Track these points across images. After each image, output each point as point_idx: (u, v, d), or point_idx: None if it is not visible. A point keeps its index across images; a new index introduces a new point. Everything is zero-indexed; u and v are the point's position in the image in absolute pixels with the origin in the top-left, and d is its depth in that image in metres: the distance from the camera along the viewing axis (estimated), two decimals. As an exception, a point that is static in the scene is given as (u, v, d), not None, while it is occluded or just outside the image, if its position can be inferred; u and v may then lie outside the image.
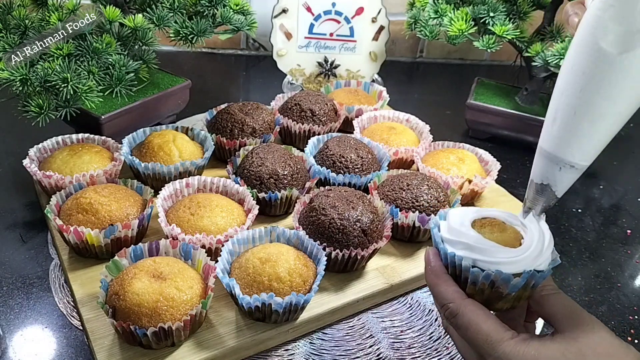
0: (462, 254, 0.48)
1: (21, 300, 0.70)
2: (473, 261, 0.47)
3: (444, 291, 0.48)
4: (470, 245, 0.47)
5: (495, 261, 0.46)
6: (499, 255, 0.46)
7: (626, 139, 1.17)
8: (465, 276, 0.48)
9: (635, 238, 0.91)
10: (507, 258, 0.46)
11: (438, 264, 0.50)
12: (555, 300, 0.48)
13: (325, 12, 1.18)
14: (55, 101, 0.78)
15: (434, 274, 0.49)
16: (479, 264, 0.47)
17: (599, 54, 0.40)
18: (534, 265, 0.47)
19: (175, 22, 0.91)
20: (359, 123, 1.00)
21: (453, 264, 0.49)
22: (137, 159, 0.83)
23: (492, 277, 0.46)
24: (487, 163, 0.93)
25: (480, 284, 0.47)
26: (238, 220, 0.75)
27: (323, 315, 0.69)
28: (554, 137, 0.45)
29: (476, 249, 0.47)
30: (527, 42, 1.04)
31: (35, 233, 0.81)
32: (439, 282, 0.49)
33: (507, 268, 0.46)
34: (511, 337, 0.44)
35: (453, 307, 0.47)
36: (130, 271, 0.62)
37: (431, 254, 0.50)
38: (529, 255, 0.47)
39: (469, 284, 0.48)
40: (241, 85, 1.37)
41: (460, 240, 0.48)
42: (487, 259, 0.46)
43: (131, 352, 0.60)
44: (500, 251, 0.47)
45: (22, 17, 0.85)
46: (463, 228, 0.49)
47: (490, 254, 0.47)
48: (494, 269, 0.46)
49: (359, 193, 0.77)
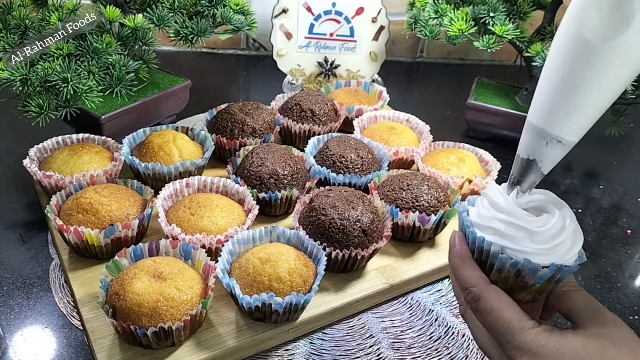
0: (491, 240, 0.47)
1: (21, 300, 0.70)
2: (502, 248, 0.47)
3: (467, 274, 0.47)
4: (501, 232, 0.47)
5: (525, 250, 0.46)
6: (530, 245, 0.46)
7: (626, 139, 1.17)
8: (492, 262, 0.47)
9: (636, 238, 0.91)
10: (537, 249, 0.46)
11: (464, 247, 0.49)
12: (577, 297, 0.48)
13: (325, 12, 1.18)
14: (55, 101, 0.78)
15: (459, 257, 0.49)
16: (508, 252, 0.46)
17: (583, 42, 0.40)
18: (563, 260, 0.46)
19: (176, 22, 0.91)
20: (359, 123, 1.00)
21: (480, 249, 0.48)
22: (137, 159, 0.83)
23: (519, 265, 0.46)
24: (487, 163, 0.93)
25: (506, 272, 0.47)
26: (238, 220, 0.75)
27: (323, 315, 0.69)
28: (543, 110, 0.44)
29: (507, 236, 0.46)
30: (527, 42, 1.04)
31: (36, 233, 0.81)
32: (463, 265, 0.48)
33: (536, 259, 0.46)
34: (532, 326, 0.43)
35: (476, 291, 0.46)
36: (131, 271, 0.62)
37: (457, 238, 0.50)
38: (560, 249, 0.46)
39: (494, 271, 0.47)
40: (241, 85, 1.37)
41: (491, 226, 0.47)
42: (517, 247, 0.46)
43: (131, 352, 0.60)
44: (531, 241, 0.46)
45: (22, 17, 0.85)
46: (496, 213, 0.48)
47: (520, 243, 0.46)
48: (523, 257, 0.46)
49: (359, 193, 0.77)
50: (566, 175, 1.09)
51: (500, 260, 0.47)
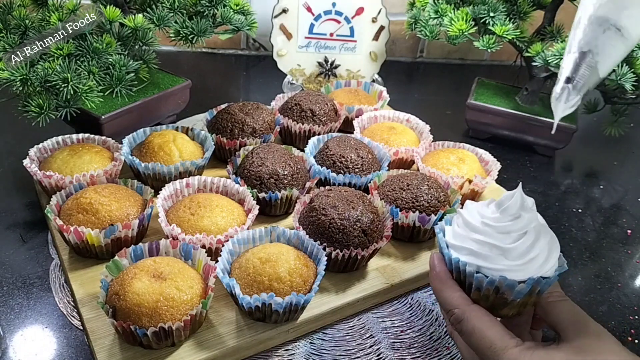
0: (466, 260, 0.47)
1: (21, 300, 0.70)
2: (477, 267, 0.47)
3: (449, 297, 0.48)
4: (475, 251, 0.47)
5: (499, 268, 0.46)
6: (504, 262, 0.46)
7: (626, 139, 1.17)
8: (470, 282, 0.48)
9: (636, 238, 0.91)
10: (511, 265, 0.46)
11: (443, 269, 0.50)
12: (561, 308, 0.48)
13: (325, 12, 1.18)
14: (55, 101, 0.78)
15: (439, 279, 0.49)
16: (483, 270, 0.47)
17: None
18: (539, 272, 0.47)
19: (176, 22, 0.91)
20: (359, 123, 1.00)
21: (457, 269, 0.48)
22: (137, 159, 0.83)
23: (496, 283, 0.46)
24: (487, 163, 0.93)
25: (485, 290, 0.47)
26: (238, 220, 0.75)
27: (323, 315, 0.69)
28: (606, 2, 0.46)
29: (480, 255, 0.47)
30: (527, 42, 1.04)
31: (36, 233, 0.81)
32: (443, 288, 0.49)
33: (511, 275, 0.46)
34: (515, 344, 0.44)
35: (458, 312, 0.47)
36: (131, 271, 0.62)
37: (436, 259, 0.50)
38: (534, 263, 0.46)
39: (474, 290, 0.48)
40: (241, 85, 1.37)
41: (464, 246, 0.48)
42: (491, 265, 0.46)
43: (131, 352, 0.60)
44: (505, 258, 0.46)
45: (23, 17, 0.85)
46: (469, 232, 0.48)
47: (494, 261, 0.46)
48: (498, 275, 0.46)
49: (359, 193, 0.77)
50: (566, 175, 1.09)
51: (476, 279, 0.47)
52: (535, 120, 1.08)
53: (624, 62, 0.92)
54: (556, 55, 0.93)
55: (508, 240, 0.47)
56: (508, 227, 0.47)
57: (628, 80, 0.90)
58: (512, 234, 0.47)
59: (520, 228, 0.47)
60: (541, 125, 1.09)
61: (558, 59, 0.93)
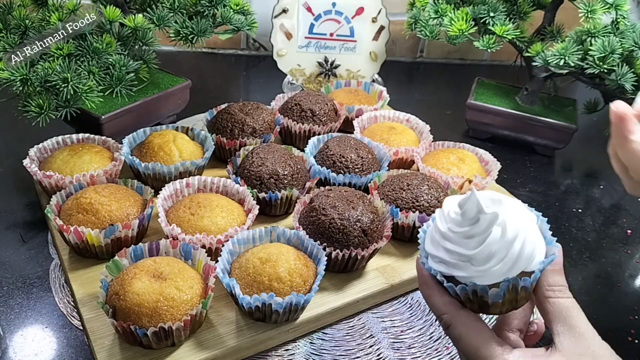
0: (438, 268, 0.47)
1: (21, 300, 0.70)
2: (449, 274, 0.47)
3: (436, 302, 0.48)
4: (445, 260, 0.47)
5: (467, 275, 0.45)
6: (471, 269, 0.45)
7: (626, 139, 1.16)
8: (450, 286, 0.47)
9: (636, 238, 0.91)
10: (478, 271, 0.45)
11: (429, 275, 0.49)
12: (557, 307, 0.47)
13: (325, 12, 1.18)
14: (55, 101, 0.78)
15: (426, 285, 0.49)
16: (457, 278, 0.46)
17: None
18: (517, 271, 0.45)
19: (176, 22, 0.91)
20: (359, 123, 1.00)
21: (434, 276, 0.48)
22: (137, 159, 0.83)
23: (467, 289, 0.46)
24: (487, 163, 0.93)
25: (463, 295, 0.47)
26: (238, 220, 0.75)
27: (323, 315, 0.69)
28: None
29: (450, 264, 0.46)
30: (527, 42, 1.04)
31: (36, 233, 0.81)
32: (431, 293, 0.48)
33: (481, 280, 0.45)
34: (502, 352, 0.43)
35: (447, 318, 0.47)
36: (131, 271, 0.62)
37: (421, 267, 0.50)
38: (506, 264, 0.45)
39: (455, 294, 0.47)
40: (241, 85, 1.37)
41: (437, 255, 0.47)
42: (460, 273, 0.46)
43: (131, 352, 0.60)
44: (470, 265, 0.45)
45: (23, 17, 0.85)
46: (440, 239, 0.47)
47: (462, 268, 0.46)
48: (469, 281, 0.45)
49: (359, 193, 0.77)
50: (566, 175, 1.09)
51: (449, 287, 0.47)
52: (535, 120, 1.08)
53: (624, 62, 0.92)
54: (556, 55, 0.93)
55: (472, 245, 0.45)
56: (469, 231, 0.46)
57: (628, 80, 0.90)
58: (475, 238, 0.45)
59: (481, 231, 0.45)
60: (541, 125, 1.09)
61: (558, 59, 0.93)
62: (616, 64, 0.90)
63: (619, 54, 0.90)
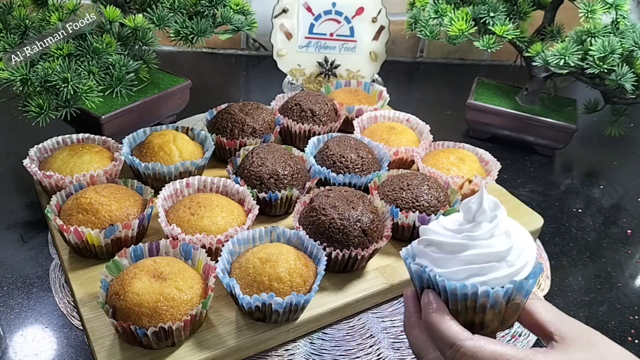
0: (470, 282, 0.45)
1: (21, 300, 0.70)
2: (482, 283, 0.45)
3: (452, 328, 0.45)
4: (475, 269, 0.45)
5: (506, 273, 0.45)
6: (506, 266, 0.45)
7: (626, 139, 1.17)
8: (483, 303, 0.45)
9: (636, 238, 0.91)
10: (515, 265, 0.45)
11: (442, 303, 0.47)
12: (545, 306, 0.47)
13: (325, 12, 1.18)
14: (55, 101, 0.78)
15: (440, 314, 0.46)
16: (490, 283, 0.45)
17: None
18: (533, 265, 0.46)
19: (176, 22, 0.91)
20: (359, 123, 1.00)
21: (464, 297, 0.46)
22: (137, 159, 0.83)
23: (510, 291, 0.45)
24: (487, 163, 0.92)
25: (499, 305, 0.45)
26: (238, 220, 0.75)
27: (323, 315, 0.69)
28: None
29: (483, 270, 0.45)
30: (527, 42, 1.04)
31: (36, 233, 0.81)
32: (442, 320, 0.46)
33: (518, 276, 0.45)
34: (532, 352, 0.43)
35: (470, 344, 0.44)
36: (131, 271, 0.62)
37: (432, 295, 0.48)
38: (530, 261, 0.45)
39: (488, 310, 0.45)
40: (241, 85, 1.37)
41: (460, 268, 0.45)
42: (496, 274, 0.45)
43: (131, 352, 0.60)
44: (505, 262, 0.45)
45: (23, 17, 0.85)
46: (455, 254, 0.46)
47: (497, 269, 0.45)
48: (507, 282, 0.44)
49: (359, 193, 0.77)
50: (566, 175, 1.09)
51: (492, 296, 0.45)
52: (535, 120, 1.08)
53: (624, 62, 0.92)
54: (556, 55, 0.93)
55: (500, 243, 0.45)
56: (492, 230, 0.45)
57: (628, 80, 0.90)
58: (500, 236, 0.45)
59: (504, 227, 0.46)
60: (541, 125, 1.09)
61: (558, 59, 0.93)
62: (616, 64, 0.90)
63: (619, 54, 0.90)
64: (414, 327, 0.49)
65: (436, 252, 0.47)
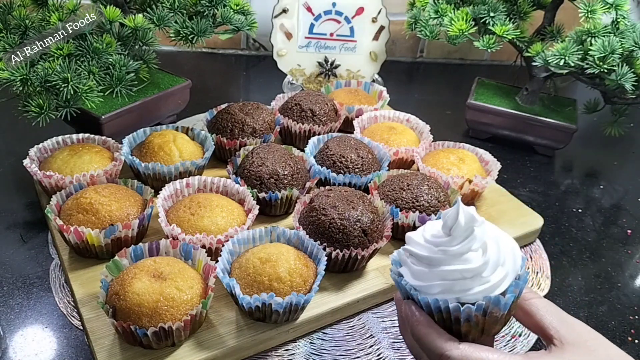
0: (445, 297, 0.45)
1: (21, 300, 0.70)
2: (457, 299, 0.45)
3: (437, 340, 0.46)
4: (448, 285, 0.45)
5: (479, 290, 0.44)
6: (480, 282, 0.45)
7: (626, 139, 1.17)
8: (456, 316, 0.46)
9: (636, 238, 0.91)
10: (489, 281, 0.45)
11: (423, 314, 0.47)
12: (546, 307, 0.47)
13: (325, 12, 1.18)
14: (55, 101, 0.78)
15: (423, 325, 0.47)
16: (465, 299, 0.45)
17: None
18: (514, 275, 0.46)
19: (176, 22, 0.91)
20: (359, 123, 1.00)
21: (438, 310, 0.46)
22: (137, 159, 0.83)
23: (483, 306, 0.45)
24: (487, 163, 0.93)
25: (474, 318, 0.45)
26: (238, 220, 0.75)
27: (323, 315, 0.69)
28: None
29: (456, 286, 0.45)
30: (528, 42, 1.04)
31: (36, 233, 0.81)
32: (429, 332, 0.46)
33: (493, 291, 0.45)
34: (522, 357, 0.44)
35: (456, 353, 0.44)
36: (131, 271, 0.62)
37: (413, 306, 0.48)
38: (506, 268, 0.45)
39: (463, 322, 0.46)
40: (241, 85, 1.37)
41: (434, 284, 0.45)
42: (470, 291, 0.44)
43: (131, 352, 0.60)
44: (480, 277, 0.44)
45: (23, 17, 0.85)
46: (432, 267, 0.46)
47: (471, 285, 0.44)
48: (482, 297, 0.44)
49: (359, 193, 0.77)
50: (566, 175, 1.09)
51: (463, 311, 0.45)
52: (535, 120, 1.08)
53: (624, 62, 0.92)
54: (556, 55, 0.93)
55: (474, 259, 0.45)
56: (466, 245, 0.45)
57: (628, 80, 0.90)
58: (474, 251, 0.45)
59: (480, 242, 0.45)
60: (541, 125, 1.08)
61: (558, 59, 0.93)
62: (616, 64, 0.90)
63: (619, 54, 0.90)
64: (407, 332, 0.49)
65: (415, 264, 0.47)
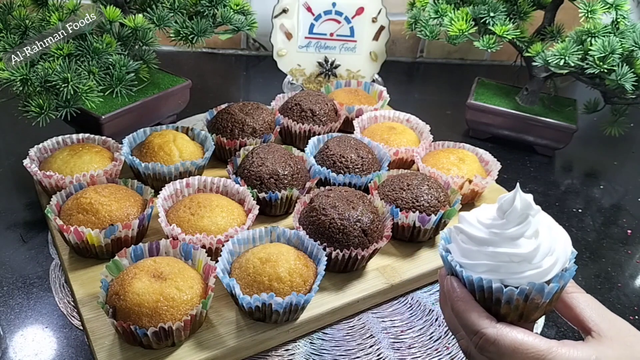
0: (488, 277, 0.46)
1: (21, 300, 0.70)
2: (501, 280, 0.46)
3: (475, 318, 0.47)
4: (494, 265, 0.46)
5: (525, 275, 0.45)
6: (527, 268, 0.45)
7: (626, 139, 1.17)
8: (498, 297, 0.46)
9: (636, 238, 0.91)
10: (536, 268, 0.45)
11: (464, 290, 0.48)
12: (587, 301, 0.48)
13: (325, 12, 1.18)
14: (55, 101, 0.78)
15: (463, 301, 0.48)
16: (509, 282, 0.46)
17: None
18: (561, 266, 0.46)
19: (176, 22, 0.91)
20: (359, 123, 1.00)
21: (481, 289, 0.47)
22: (137, 159, 0.83)
23: (526, 291, 0.45)
24: (487, 163, 0.93)
25: (515, 301, 0.46)
26: (238, 220, 0.75)
27: (323, 315, 0.69)
28: None
29: (502, 268, 0.46)
30: (528, 42, 1.04)
31: (36, 233, 0.81)
32: (468, 308, 0.47)
33: (538, 278, 0.45)
34: (557, 344, 0.44)
35: (491, 332, 0.45)
36: (131, 271, 0.62)
37: (454, 282, 0.49)
38: (554, 258, 0.46)
39: (503, 304, 0.46)
40: (241, 85, 1.37)
41: (480, 262, 0.46)
42: (515, 275, 0.45)
43: (131, 352, 0.60)
44: (528, 263, 0.45)
45: (23, 17, 0.85)
46: (480, 247, 0.47)
47: (517, 269, 0.45)
48: (526, 282, 0.45)
49: (359, 193, 0.77)
50: (566, 175, 1.09)
51: (506, 293, 0.46)
52: (535, 120, 1.08)
53: (624, 62, 0.92)
54: (556, 55, 0.93)
55: (525, 245, 0.45)
56: (519, 230, 0.46)
57: (628, 80, 0.90)
58: (526, 237, 0.46)
59: (532, 228, 0.46)
60: (541, 125, 1.09)
61: (558, 59, 0.93)
62: (616, 64, 0.90)
63: (619, 54, 0.90)
64: (447, 306, 0.50)
65: (464, 242, 0.49)
